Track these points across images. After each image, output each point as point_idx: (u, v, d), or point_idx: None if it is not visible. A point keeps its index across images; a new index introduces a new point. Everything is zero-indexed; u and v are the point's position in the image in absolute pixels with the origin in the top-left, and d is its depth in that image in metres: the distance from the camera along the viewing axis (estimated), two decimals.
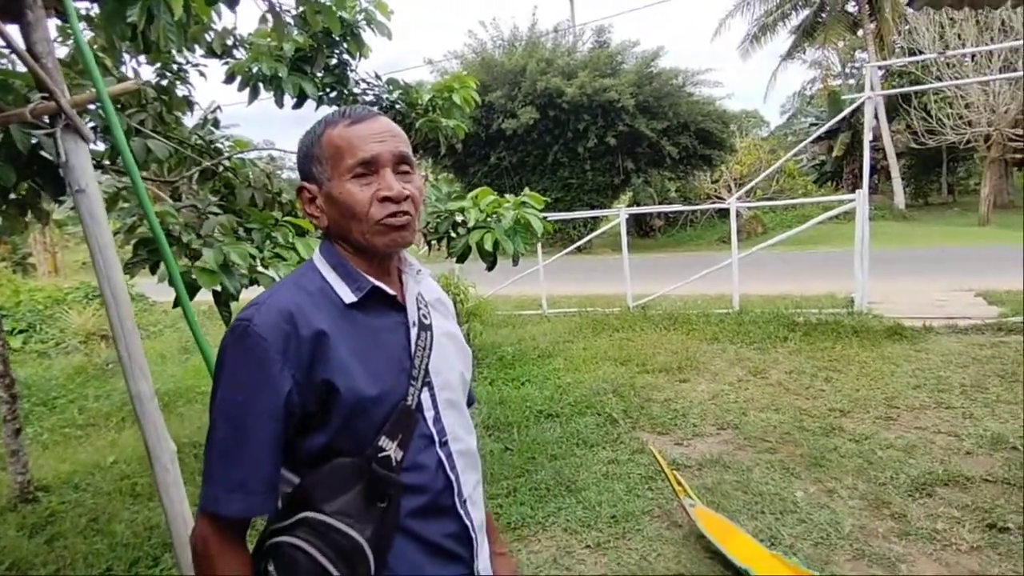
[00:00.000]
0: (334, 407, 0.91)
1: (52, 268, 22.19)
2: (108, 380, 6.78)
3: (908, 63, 16.84)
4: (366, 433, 0.93)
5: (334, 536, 0.89)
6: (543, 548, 2.87)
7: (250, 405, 0.89)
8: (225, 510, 0.89)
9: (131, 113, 3.14)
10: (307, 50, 3.42)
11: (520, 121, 16.55)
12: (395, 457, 0.93)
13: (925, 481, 3.14)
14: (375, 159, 0.97)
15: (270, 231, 2.49)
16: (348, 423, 0.92)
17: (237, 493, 0.88)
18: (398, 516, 0.94)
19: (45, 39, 1.71)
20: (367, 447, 0.92)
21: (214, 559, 0.90)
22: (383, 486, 0.92)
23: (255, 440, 0.89)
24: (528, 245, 2.87)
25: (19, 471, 3.76)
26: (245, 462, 0.89)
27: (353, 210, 0.96)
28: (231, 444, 0.89)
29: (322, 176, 0.99)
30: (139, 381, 1.84)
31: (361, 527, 0.90)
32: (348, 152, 0.97)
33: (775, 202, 15.21)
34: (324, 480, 0.92)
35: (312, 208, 1.02)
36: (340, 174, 0.97)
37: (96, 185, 1.75)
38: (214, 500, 0.89)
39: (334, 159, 0.98)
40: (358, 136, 0.97)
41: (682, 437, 4.01)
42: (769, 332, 6.26)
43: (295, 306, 0.92)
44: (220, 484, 0.89)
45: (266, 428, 0.89)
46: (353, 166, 0.96)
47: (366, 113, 1.00)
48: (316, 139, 1.00)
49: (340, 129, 0.98)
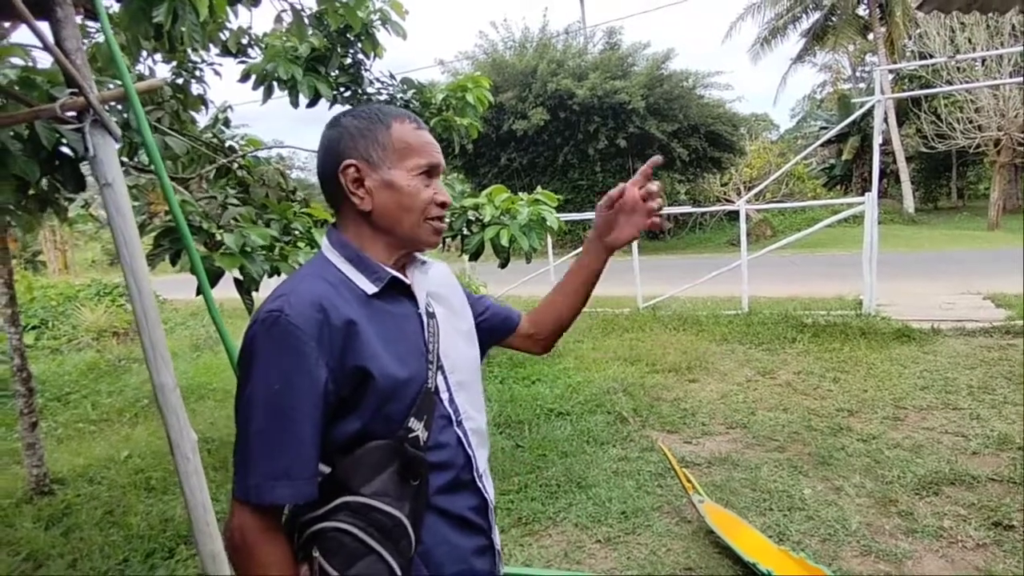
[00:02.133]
0: (368, 392, 0.94)
1: (63, 265, 22.41)
2: (120, 376, 6.86)
3: (919, 67, 16.79)
4: (397, 416, 0.96)
5: (376, 516, 0.92)
6: (554, 543, 2.90)
7: (290, 394, 0.90)
8: (270, 498, 0.89)
9: (149, 111, 3.20)
10: (322, 50, 3.46)
11: (531, 122, 16.60)
12: (422, 437, 0.97)
13: (932, 480, 3.14)
14: (438, 167, 1.06)
15: (288, 221, 2.53)
16: (381, 407, 0.95)
17: (283, 480, 0.89)
18: (428, 492, 0.98)
19: (74, 35, 1.75)
20: (398, 429, 0.96)
21: (257, 548, 0.90)
22: (415, 464, 0.96)
23: (298, 428, 0.90)
24: (541, 241, 2.90)
25: (35, 464, 3.82)
26: (289, 450, 0.90)
27: (413, 203, 1.03)
28: (273, 433, 0.90)
29: (382, 162, 1.02)
30: (162, 372, 1.88)
31: (399, 504, 0.93)
32: (420, 152, 1.04)
33: (784, 204, 15.19)
34: (360, 464, 0.94)
35: (356, 187, 1.02)
36: (408, 168, 1.03)
37: (122, 179, 1.79)
38: (256, 490, 0.89)
39: (403, 152, 1.03)
40: (427, 142, 1.05)
41: (691, 435, 4.03)
42: (778, 333, 6.26)
43: (324, 296, 0.94)
44: (263, 474, 0.89)
45: (308, 415, 0.91)
46: (423, 166, 1.03)
47: (422, 123, 1.08)
48: (383, 127, 1.03)
49: (410, 127, 1.04)
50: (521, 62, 17.39)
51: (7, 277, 3.81)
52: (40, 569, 3.03)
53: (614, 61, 17.38)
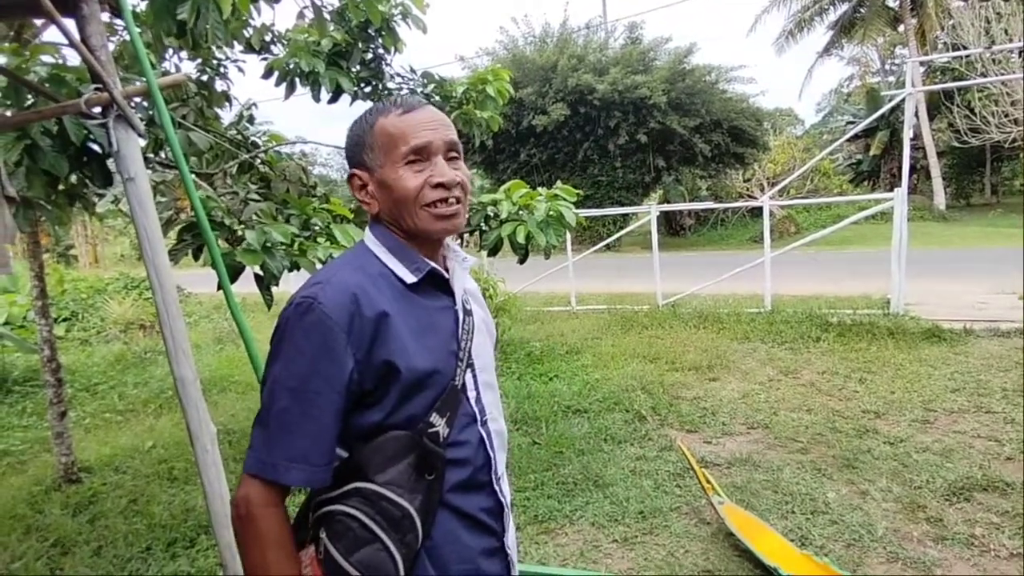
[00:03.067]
0: (392, 385, 0.94)
1: (93, 259, 22.94)
2: (146, 368, 6.99)
3: (951, 59, 16.32)
4: (419, 410, 0.97)
5: (385, 505, 0.93)
6: (570, 541, 2.88)
7: (315, 380, 0.92)
8: (285, 479, 0.92)
9: (174, 107, 3.24)
10: (343, 45, 3.48)
11: (551, 118, 16.52)
12: (443, 433, 0.97)
13: (963, 486, 3.06)
14: (427, 146, 1.00)
15: (309, 217, 2.55)
16: (404, 400, 0.96)
17: (299, 463, 0.91)
18: (442, 488, 0.98)
19: (100, 32, 1.77)
20: (419, 423, 0.96)
21: (260, 520, 0.92)
22: (432, 459, 0.96)
23: (319, 414, 0.92)
24: (559, 238, 2.87)
25: (64, 452, 3.91)
26: (308, 434, 0.92)
27: (405, 195, 1.00)
28: (294, 416, 0.92)
29: (374, 163, 1.02)
30: (182, 365, 1.90)
31: (411, 497, 0.94)
32: (401, 140, 1.00)
33: (809, 200, 14.92)
34: (376, 452, 0.95)
35: (363, 194, 1.05)
36: (393, 161, 1.00)
37: (145, 174, 1.82)
38: (272, 468, 0.92)
39: (387, 147, 1.01)
40: (410, 124, 1.00)
41: (711, 435, 3.98)
42: (801, 332, 6.15)
43: (359, 287, 0.95)
44: (281, 454, 0.92)
45: (330, 402, 0.92)
46: (407, 153, 1.00)
47: (416, 103, 1.04)
48: (368, 127, 1.03)
49: (392, 118, 1.01)
50: (541, 57, 17.31)
51: (38, 270, 3.90)
52: (67, 555, 3.10)
53: (635, 56, 17.21)
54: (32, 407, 5.82)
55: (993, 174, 23.52)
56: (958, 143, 17.99)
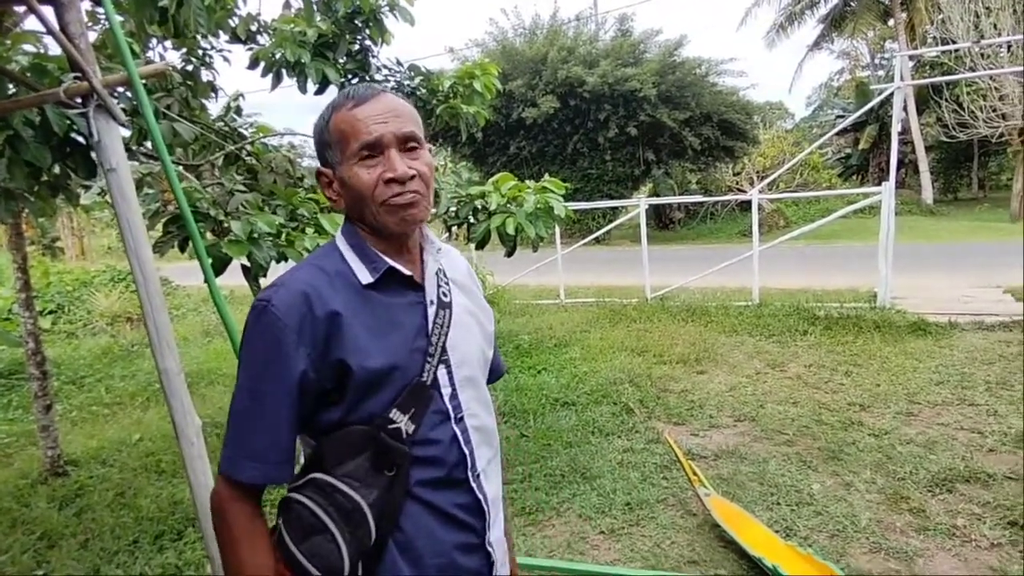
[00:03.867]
0: (348, 384, 0.95)
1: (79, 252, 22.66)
2: (133, 361, 6.95)
3: (941, 52, 16.41)
4: (378, 408, 0.96)
5: (337, 497, 0.94)
6: (557, 533, 2.89)
7: (267, 381, 0.94)
8: (240, 475, 0.95)
9: (158, 97, 3.19)
10: (330, 36, 3.44)
11: (540, 110, 16.46)
12: (406, 429, 0.96)
13: (946, 477, 3.10)
14: (378, 141, 0.97)
15: (295, 208, 2.53)
16: (360, 399, 0.96)
17: (252, 461, 0.94)
18: (407, 484, 0.97)
19: (79, 20, 1.75)
20: (377, 419, 0.96)
21: (228, 514, 0.95)
22: (392, 455, 0.96)
23: (271, 414, 0.94)
24: (548, 230, 2.87)
25: (50, 445, 3.88)
26: (262, 432, 0.94)
27: (361, 193, 0.98)
28: (249, 416, 0.95)
29: (334, 160, 1.01)
30: (167, 357, 1.89)
31: (366, 491, 0.94)
32: (352, 136, 0.98)
33: (798, 194, 15.01)
34: (335, 445, 0.97)
35: (330, 192, 1.05)
36: (348, 158, 0.99)
37: (127, 164, 1.80)
38: (231, 464, 0.95)
39: (341, 143, 0.99)
40: (360, 119, 0.97)
41: (698, 428, 4.01)
42: (789, 325, 6.20)
43: (311, 288, 0.95)
44: (239, 450, 0.95)
45: (281, 403, 0.94)
46: (358, 150, 0.97)
47: (369, 93, 0.99)
48: (325, 124, 1.01)
49: (344, 113, 0.99)
50: (531, 49, 17.22)
51: (21, 262, 3.85)
52: (53, 548, 3.08)
53: (625, 48, 17.15)
54: (18, 400, 5.77)
55: (980, 169, 23.72)
56: (946, 138, 18.11)
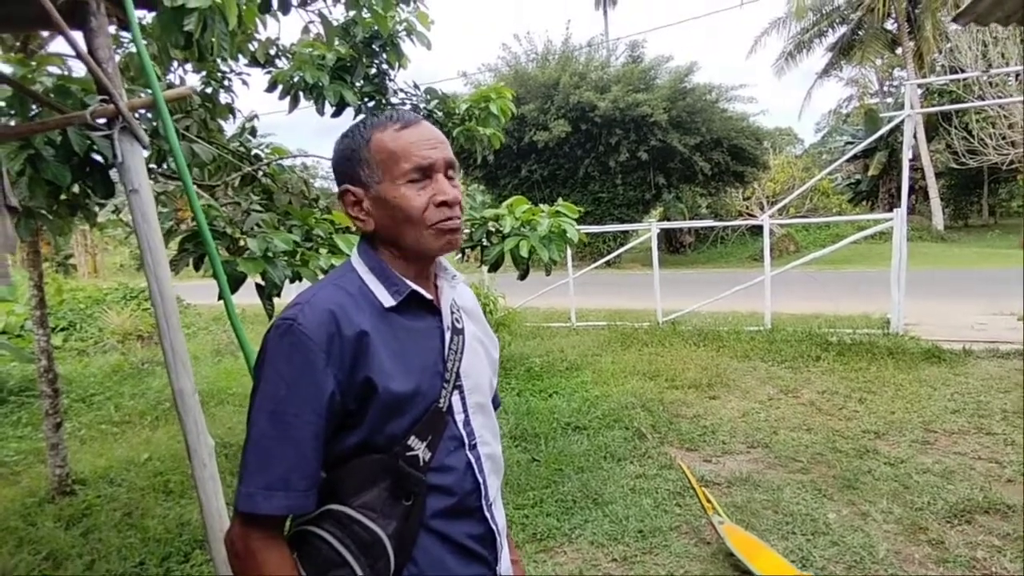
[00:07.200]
0: (371, 406, 0.92)
1: (92, 269, 22.92)
2: (143, 379, 6.96)
3: (949, 81, 16.48)
4: (399, 433, 0.94)
5: (356, 529, 0.91)
6: (569, 560, 2.84)
7: (294, 402, 0.89)
8: (266, 508, 0.88)
9: (178, 118, 3.26)
10: (348, 60, 3.51)
11: (552, 134, 16.63)
12: (423, 457, 0.94)
13: (964, 508, 3.03)
14: (432, 165, 0.97)
15: (311, 227, 2.55)
16: (382, 422, 0.93)
17: (279, 491, 0.88)
18: (423, 514, 0.95)
19: (107, 45, 1.79)
20: (396, 446, 0.94)
21: (259, 554, 0.89)
22: (409, 484, 0.93)
23: (299, 437, 0.89)
24: (560, 253, 2.88)
25: (58, 464, 3.87)
26: (287, 459, 0.89)
27: (409, 214, 0.97)
28: (273, 441, 0.89)
29: (370, 180, 0.99)
30: (181, 377, 1.89)
31: (385, 522, 0.91)
32: (403, 157, 0.97)
33: (809, 219, 15.01)
34: (352, 475, 0.93)
35: (356, 211, 1.01)
36: (394, 178, 0.97)
37: (148, 186, 1.82)
38: (250, 499, 0.88)
39: (387, 163, 0.98)
40: (411, 142, 0.97)
41: (711, 454, 3.95)
42: (801, 351, 6.14)
43: (338, 306, 0.93)
44: (259, 482, 0.88)
45: (311, 425, 0.89)
46: (409, 171, 0.97)
47: (412, 118, 1.00)
48: (364, 143, 0.99)
49: (391, 133, 0.98)
50: (543, 74, 17.46)
51: (37, 280, 3.89)
52: (59, 569, 3.06)
53: (636, 74, 17.36)
54: (27, 417, 5.78)
55: (990, 195, 23.66)
56: (956, 164, 18.12)
